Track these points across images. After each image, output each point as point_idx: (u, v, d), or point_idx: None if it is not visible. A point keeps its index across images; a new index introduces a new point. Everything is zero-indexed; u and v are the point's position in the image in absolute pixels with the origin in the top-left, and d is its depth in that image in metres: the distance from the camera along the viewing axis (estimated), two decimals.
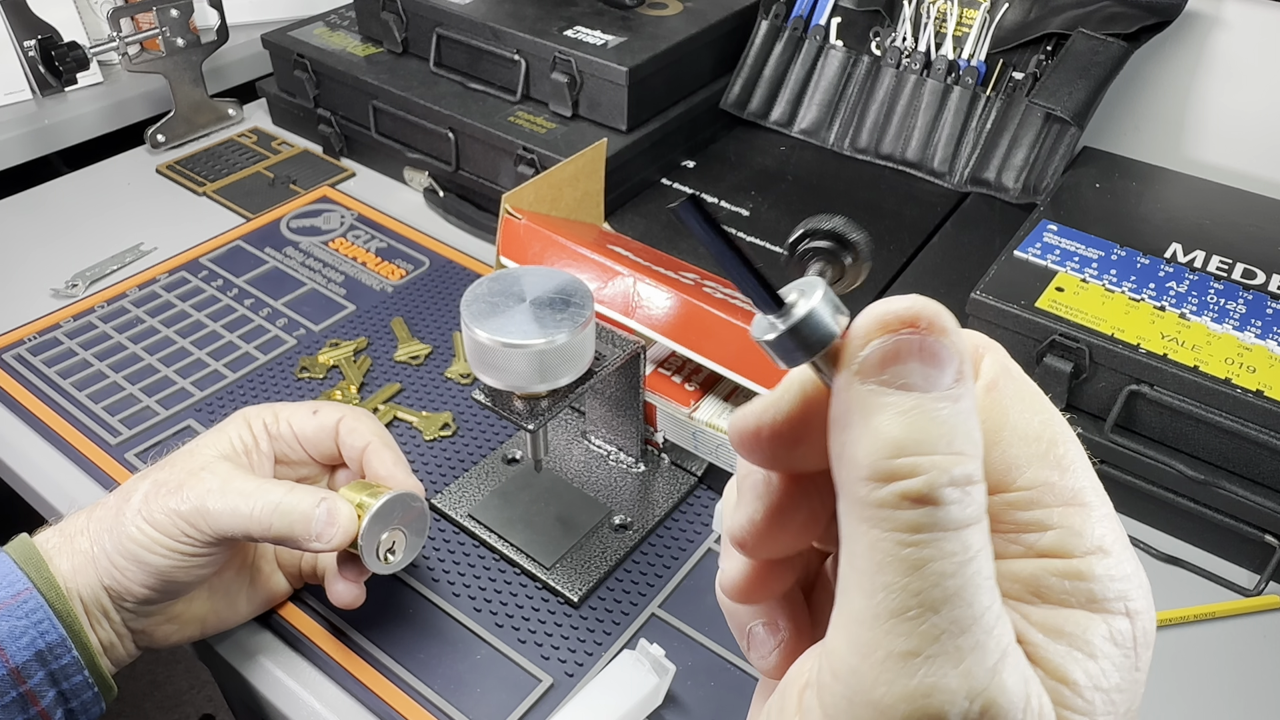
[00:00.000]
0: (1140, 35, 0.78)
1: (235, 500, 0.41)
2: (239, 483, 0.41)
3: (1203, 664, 0.54)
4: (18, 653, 0.39)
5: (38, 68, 0.97)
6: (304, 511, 0.41)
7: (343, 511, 0.43)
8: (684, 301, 0.57)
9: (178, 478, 0.42)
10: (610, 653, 0.52)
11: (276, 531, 0.41)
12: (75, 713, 0.42)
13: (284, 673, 0.51)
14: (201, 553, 0.42)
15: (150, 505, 0.41)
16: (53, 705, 0.41)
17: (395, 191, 0.93)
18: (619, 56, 0.81)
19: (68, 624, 0.40)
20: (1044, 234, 0.68)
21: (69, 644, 0.40)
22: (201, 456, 0.43)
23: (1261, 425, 0.55)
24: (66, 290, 0.78)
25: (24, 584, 0.40)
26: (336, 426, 0.46)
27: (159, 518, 0.41)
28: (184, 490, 0.41)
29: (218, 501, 0.41)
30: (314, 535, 0.42)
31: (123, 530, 0.41)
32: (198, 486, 0.41)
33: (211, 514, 0.40)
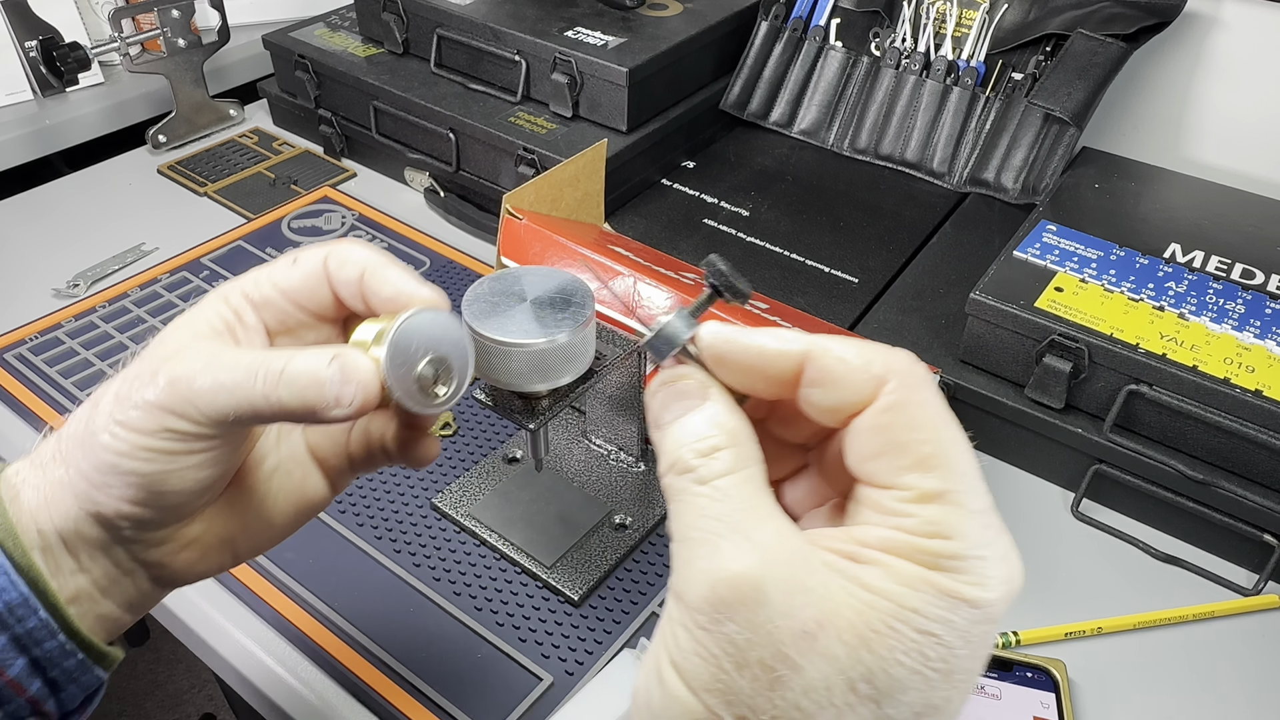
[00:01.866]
0: (1139, 36, 0.78)
1: (225, 374, 0.32)
2: (228, 356, 0.33)
3: (1202, 664, 0.54)
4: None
5: (39, 68, 0.97)
6: (312, 373, 0.32)
7: (358, 362, 0.33)
8: (684, 301, 0.58)
9: (151, 366, 0.33)
10: (610, 652, 0.52)
11: (285, 404, 0.32)
12: (58, 683, 0.34)
13: (285, 671, 0.51)
14: (191, 449, 0.33)
15: (122, 404, 0.33)
16: (25, 676, 0.33)
17: (396, 192, 0.93)
18: (619, 57, 0.81)
19: (30, 579, 0.33)
20: (1043, 234, 0.68)
21: (33, 604, 0.33)
22: (175, 339, 0.34)
23: (1260, 425, 0.55)
24: (68, 290, 0.78)
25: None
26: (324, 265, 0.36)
27: (133, 415, 0.32)
28: (160, 376, 0.32)
29: (204, 379, 0.32)
30: (332, 400, 0.32)
31: (95, 440, 0.33)
32: (176, 369, 0.32)
33: (197, 395, 0.32)
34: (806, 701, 0.22)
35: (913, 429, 0.24)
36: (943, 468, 0.23)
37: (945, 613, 0.22)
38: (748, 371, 0.26)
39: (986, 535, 0.23)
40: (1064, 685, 0.51)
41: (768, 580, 0.22)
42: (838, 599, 0.22)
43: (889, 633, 0.22)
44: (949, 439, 0.24)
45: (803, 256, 0.78)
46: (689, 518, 0.24)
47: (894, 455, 0.24)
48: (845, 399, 0.25)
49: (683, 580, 0.23)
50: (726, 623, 0.22)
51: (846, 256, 0.78)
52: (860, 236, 0.80)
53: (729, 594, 0.22)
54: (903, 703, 0.22)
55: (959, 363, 0.66)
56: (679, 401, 0.26)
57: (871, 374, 0.24)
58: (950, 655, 0.22)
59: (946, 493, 0.23)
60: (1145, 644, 0.55)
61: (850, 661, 0.22)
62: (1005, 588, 0.23)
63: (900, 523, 0.23)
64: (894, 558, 0.23)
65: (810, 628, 0.22)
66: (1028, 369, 0.62)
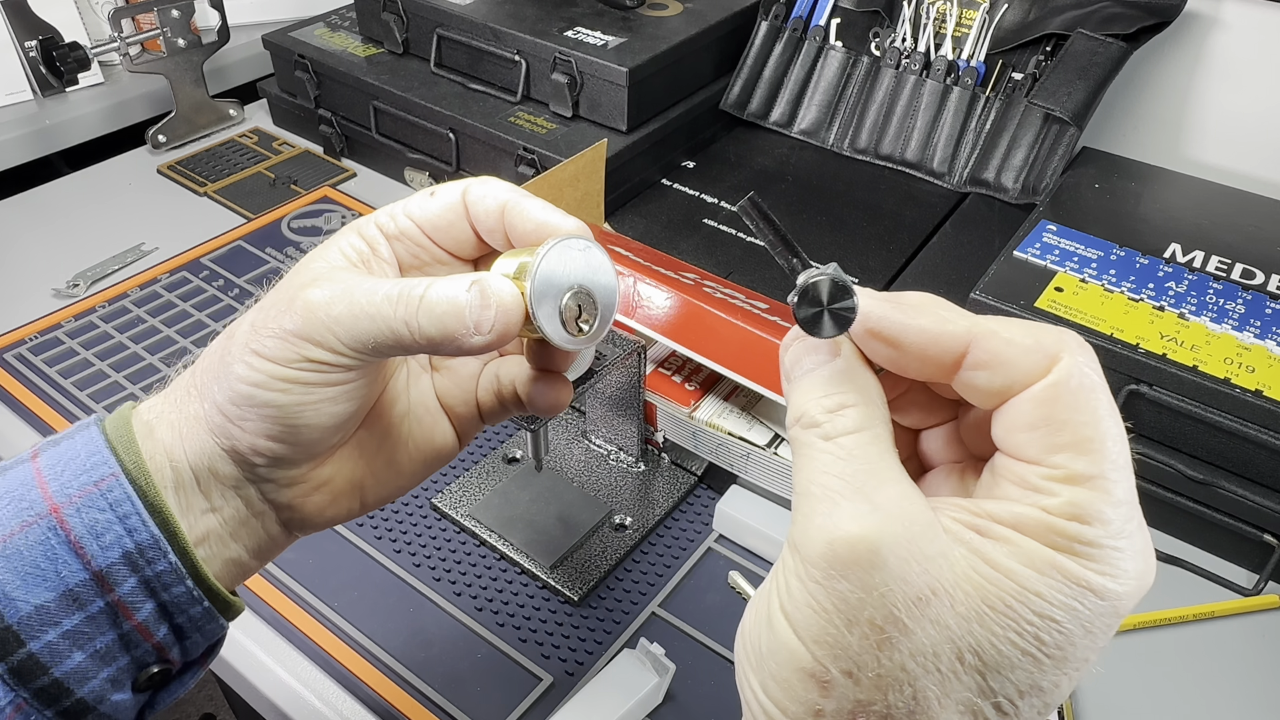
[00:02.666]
0: (1139, 36, 0.78)
1: (364, 301, 0.31)
2: (367, 283, 0.31)
3: (1202, 663, 0.54)
4: (100, 553, 0.30)
5: (39, 68, 0.97)
6: (452, 299, 0.31)
7: (500, 287, 0.31)
8: (684, 301, 0.58)
9: (286, 295, 0.32)
10: (610, 652, 0.52)
11: (425, 331, 0.31)
12: (183, 629, 0.33)
13: (285, 671, 0.51)
14: (331, 380, 0.32)
15: (259, 334, 0.31)
16: (153, 620, 0.32)
17: (396, 192, 0.93)
18: (619, 57, 0.81)
19: (161, 520, 0.31)
20: (1043, 234, 0.68)
21: (164, 546, 0.31)
22: (310, 270, 0.33)
23: (1260, 425, 0.55)
24: (68, 290, 0.78)
25: (110, 467, 0.31)
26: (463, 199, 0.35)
27: (270, 344, 0.31)
28: (295, 304, 0.31)
29: (342, 306, 0.31)
30: (471, 327, 0.31)
31: (230, 372, 0.32)
32: (314, 296, 0.31)
33: (336, 322, 0.31)
34: (913, 664, 0.22)
35: (1076, 409, 0.23)
36: (1098, 453, 0.23)
37: (1070, 600, 0.22)
38: (906, 350, 0.25)
39: (1128, 527, 0.23)
40: None
41: (885, 544, 0.22)
42: (958, 570, 0.23)
43: (1006, 611, 0.22)
44: (1109, 425, 0.23)
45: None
46: (811, 472, 0.24)
47: (1051, 431, 0.23)
48: (1014, 380, 0.24)
49: (801, 533, 0.24)
50: (840, 580, 0.23)
51: (846, 256, 0.78)
52: (860, 236, 0.80)
53: (846, 553, 0.22)
54: (1009, 680, 0.22)
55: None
56: (811, 355, 0.26)
57: (1045, 352, 0.24)
58: (1067, 643, 0.22)
59: (1096, 478, 0.23)
60: (1145, 644, 0.55)
61: (961, 632, 0.22)
62: (1137, 582, 0.23)
63: (1040, 500, 0.23)
64: (1024, 537, 0.23)
65: (924, 594, 0.22)
66: None
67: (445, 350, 0.31)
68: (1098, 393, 0.23)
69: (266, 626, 0.53)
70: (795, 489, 0.25)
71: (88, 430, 0.33)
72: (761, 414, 0.58)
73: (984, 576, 0.22)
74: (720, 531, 0.59)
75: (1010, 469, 0.24)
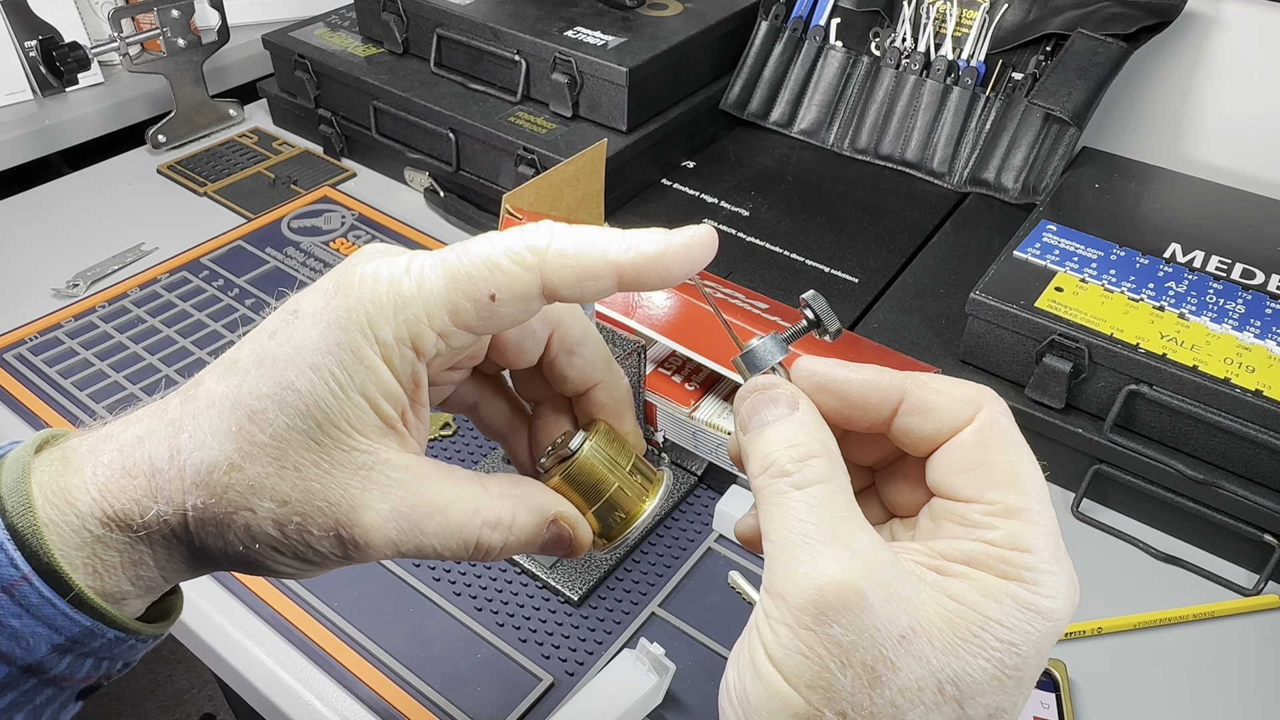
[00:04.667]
0: (1139, 36, 0.78)
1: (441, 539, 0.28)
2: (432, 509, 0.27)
3: (1202, 663, 0.54)
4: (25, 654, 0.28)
5: (39, 68, 0.97)
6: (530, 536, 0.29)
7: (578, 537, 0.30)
8: (684, 301, 0.58)
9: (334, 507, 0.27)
10: (610, 652, 0.52)
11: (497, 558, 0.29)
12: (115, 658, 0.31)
13: (285, 671, 0.51)
14: None
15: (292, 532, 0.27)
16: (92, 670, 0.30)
17: (396, 192, 0.93)
18: (619, 57, 0.81)
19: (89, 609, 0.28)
20: (1043, 234, 0.68)
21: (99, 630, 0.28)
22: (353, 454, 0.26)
23: (1260, 425, 0.55)
24: (67, 290, 0.78)
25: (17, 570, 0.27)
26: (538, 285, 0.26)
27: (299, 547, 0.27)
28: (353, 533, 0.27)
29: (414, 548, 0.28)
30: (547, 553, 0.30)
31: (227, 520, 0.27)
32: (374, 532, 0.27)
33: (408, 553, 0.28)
34: (901, 699, 0.23)
35: (1004, 450, 0.26)
36: (1025, 488, 0.25)
37: (1024, 623, 0.24)
38: (849, 401, 0.28)
39: (1058, 553, 0.25)
40: (1064, 685, 0.51)
41: (870, 587, 0.24)
42: (929, 607, 0.24)
43: (974, 640, 0.24)
44: (1029, 463, 0.26)
45: (803, 256, 0.78)
46: (787, 520, 0.25)
47: (984, 471, 0.26)
48: (943, 425, 0.27)
49: (785, 581, 0.24)
50: (832, 625, 0.23)
51: (846, 256, 0.78)
52: (860, 236, 0.80)
53: (835, 598, 0.23)
54: (980, 704, 0.24)
55: (959, 363, 0.66)
56: (771, 407, 0.27)
57: (969, 402, 0.27)
58: (1024, 663, 0.24)
59: (1026, 510, 0.25)
60: (1145, 644, 0.55)
61: (940, 664, 0.24)
62: (1070, 602, 0.25)
63: (984, 534, 0.25)
64: (977, 570, 0.25)
65: (906, 632, 0.24)
66: (1028, 369, 0.62)
67: None
68: (1015, 434, 0.26)
69: (266, 626, 0.53)
70: (769, 537, 0.26)
71: None
72: None
73: (951, 611, 0.24)
74: (720, 531, 0.59)
75: (949, 510, 0.26)
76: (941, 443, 0.27)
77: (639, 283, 0.27)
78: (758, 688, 0.25)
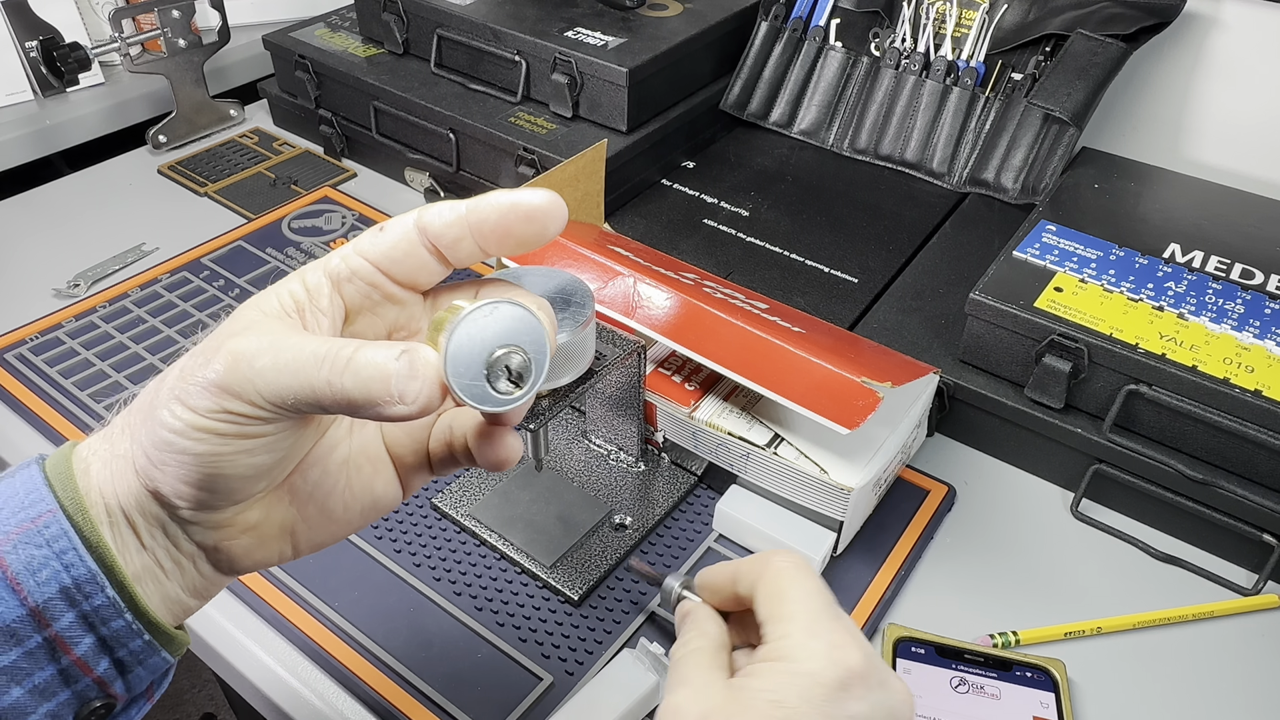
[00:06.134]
0: (1139, 36, 0.78)
1: (287, 356, 0.30)
2: (294, 339, 0.31)
3: (1202, 664, 0.54)
4: (37, 589, 0.31)
5: (39, 68, 0.98)
6: (379, 365, 0.30)
7: (428, 359, 0.31)
8: (684, 301, 0.58)
9: (215, 343, 0.32)
10: (610, 652, 0.52)
11: (348, 393, 0.30)
12: (125, 663, 0.33)
13: (285, 670, 0.51)
14: (249, 433, 0.31)
15: (185, 380, 0.31)
16: (92, 655, 0.32)
17: (396, 192, 0.93)
18: (619, 57, 0.81)
19: (98, 555, 0.32)
20: (1043, 234, 0.68)
21: (101, 580, 0.31)
22: (243, 318, 0.33)
23: (1260, 425, 0.55)
24: (68, 290, 0.78)
25: (48, 504, 0.32)
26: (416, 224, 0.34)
27: (192, 393, 0.31)
28: (220, 354, 0.31)
29: (265, 359, 0.30)
30: (395, 395, 0.30)
31: (154, 416, 0.32)
32: (237, 347, 0.31)
33: (257, 375, 0.30)
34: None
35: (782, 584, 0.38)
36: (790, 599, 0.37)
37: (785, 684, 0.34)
38: (715, 593, 0.41)
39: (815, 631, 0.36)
40: (1063, 685, 0.51)
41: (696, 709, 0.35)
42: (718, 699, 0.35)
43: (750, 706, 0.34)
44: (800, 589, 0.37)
45: (803, 256, 0.78)
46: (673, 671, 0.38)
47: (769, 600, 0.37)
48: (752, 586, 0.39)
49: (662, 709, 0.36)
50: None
51: (846, 256, 0.78)
52: (860, 236, 0.80)
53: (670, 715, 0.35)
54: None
55: (959, 363, 0.66)
56: (687, 619, 0.41)
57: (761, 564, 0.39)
58: (793, 712, 0.33)
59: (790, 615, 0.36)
60: (1145, 644, 0.55)
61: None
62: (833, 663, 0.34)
63: (770, 641, 0.36)
64: (769, 664, 0.35)
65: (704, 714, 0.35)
66: (1027, 369, 0.62)
67: (366, 415, 0.31)
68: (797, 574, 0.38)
69: (267, 626, 0.53)
70: None
71: (28, 469, 0.33)
72: (761, 414, 0.58)
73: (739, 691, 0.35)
74: (720, 531, 0.59)
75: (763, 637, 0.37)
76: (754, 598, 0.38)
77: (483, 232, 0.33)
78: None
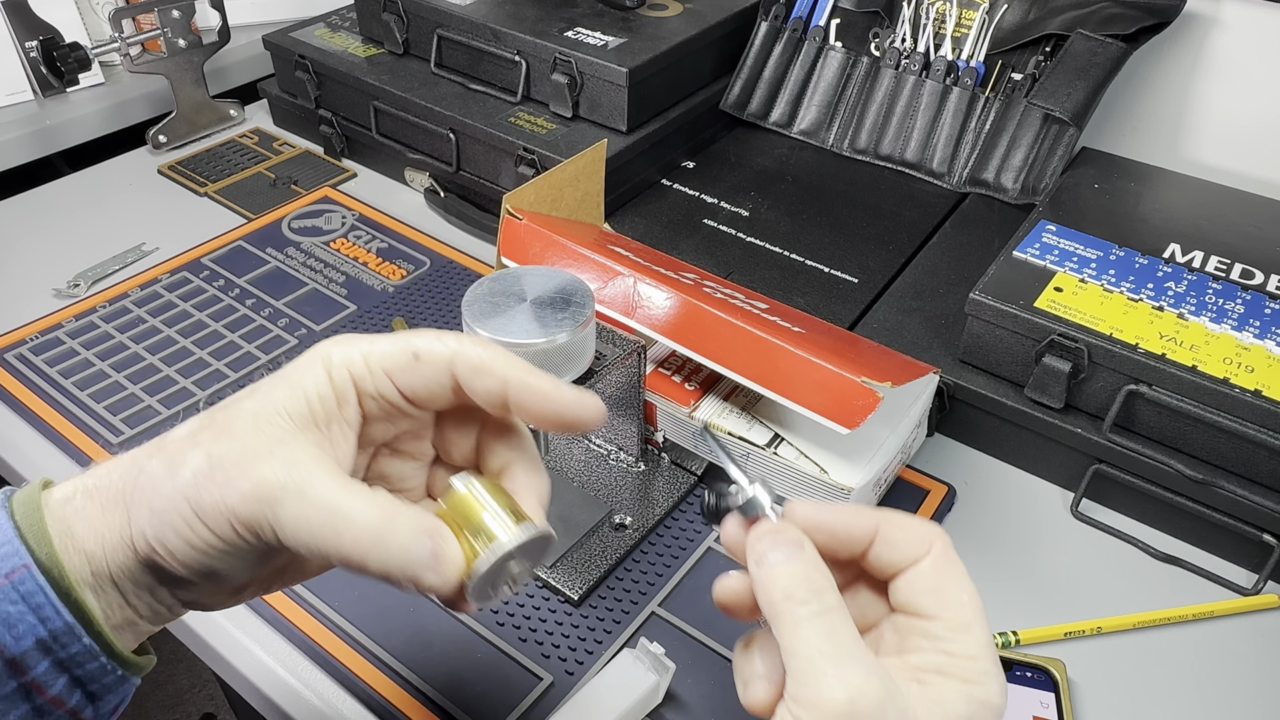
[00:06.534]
0: (1139, 36, 0.78)
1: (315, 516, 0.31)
2: (322, 487, 0.31)
3: (1201, 663, 0.54)
4: (14, 643, 0.32)
5: (39, 68, 0.98)
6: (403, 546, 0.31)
7: (451, 556, 0.33)
8: (684, 301, 0.58)
9: (237, 456, 0.31)
10: (610, 651, 0.52)
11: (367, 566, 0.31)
12: (96, 695, 0.34)
13: (285, 670, 0.52)
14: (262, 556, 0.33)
15: (201, 491, 0.31)
16: (66, 691, 0.33)
17: (396, 192, 0.93)
18: (619, 57, 0.81)
19: (75, 608, 0.32)
20: (1043, 234, 0.68)
21: (78, 631, 0.33)
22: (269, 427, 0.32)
23: (1260, 425, 0.55)
24: (68, 290, 0.78)
25: (21, 558, 0.32)
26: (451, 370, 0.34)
27: (208, 511, 0.31)
28: (244, 482, 0.31)
29: (291, 511, 0.31)
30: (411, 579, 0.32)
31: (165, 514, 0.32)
32: (264, 481, 0.31)
33: (282, 527, 0.31)
34: None
35: (953, 577, 0.33)
36: (970, 605, 0.33)
37: (980, 716, 0.31)
38: (836, 537, 0.34)
39: (995, 656, 0.32)
40: (1063, 685, 0.51)
41: (888, 697, 0.30)
42: (920, 712, 0.30)
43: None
44: (970, 585, 0.33)
45: (803, 256, 0.78)
46: (812, 640, 0.31)
47: (942, 594, 0.33)
48: (906, 556, 0.33)
49: (815, 693, 0.30)
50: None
51: (846, 256, 0.78)
52: (860, 236, 0.80)
53: (864, 707, 0.29)
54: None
55: (959, 363, 0.66)
56: (786, 547, 0.33)
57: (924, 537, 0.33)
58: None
59: (972, 625, 0.32)
60: (1145, 644, 0.55)
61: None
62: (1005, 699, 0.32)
63: (946, 647, 0.32)
64: (947, 679, 0.31)
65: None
66: (1027, 369, 0.62)
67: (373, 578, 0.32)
68: (960, 564, 0.34)
69: (267, 626, 0.53)
70: (794, 653, 0.31)
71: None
72: (761, 414, 0.58)
73: (938, 715, 0.30)
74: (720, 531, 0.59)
75: (914, 626, 0.33)
76: (903, 569, 0.33)
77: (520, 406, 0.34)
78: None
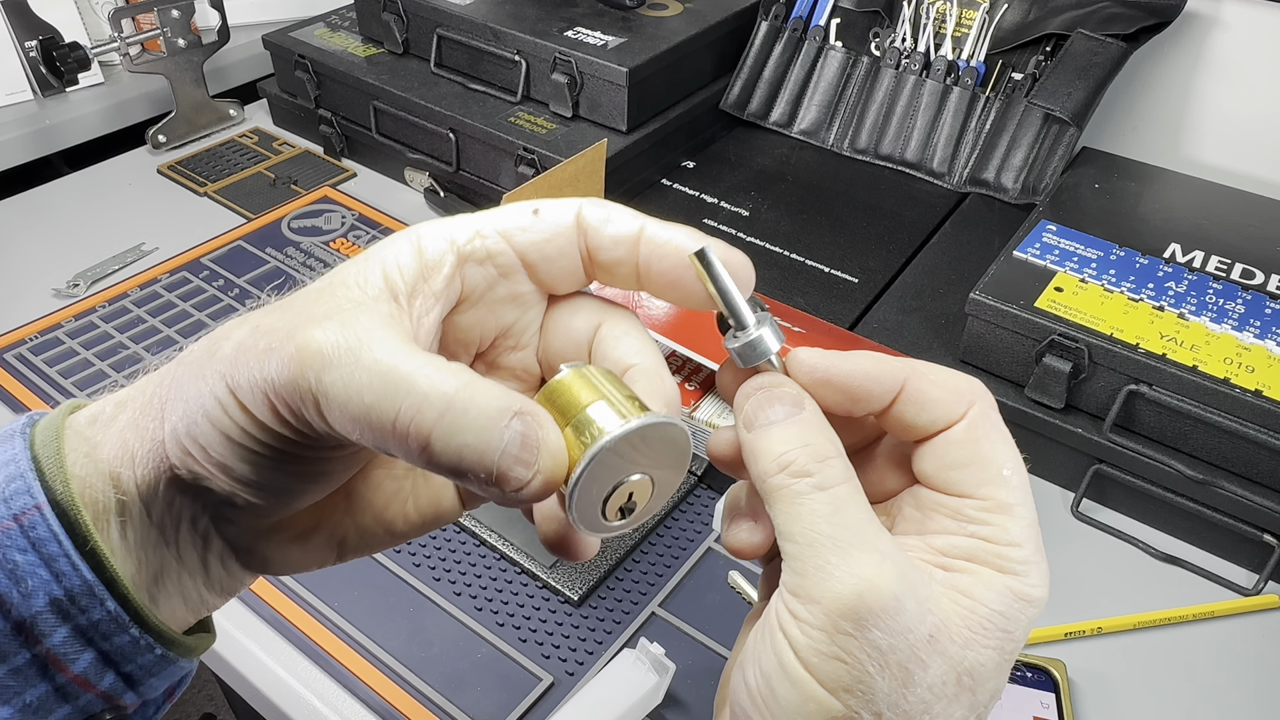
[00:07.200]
0: (1139, 36, 0.78)
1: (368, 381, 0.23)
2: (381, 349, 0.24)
3: (1202, 664, 0.54)
4: (22, 601, 0.25)
5: (39, 68, 0.97)
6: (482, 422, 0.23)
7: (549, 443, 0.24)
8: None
9: (288, 323, 0.24)
10: (610, 651, 0.52)
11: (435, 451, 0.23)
12: (134, 677, 0.27)
13: (285, 671, 0.51)
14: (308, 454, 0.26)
15: (239, 364, 0.24)
16: (94, 670, 0.26)
17: (396, 192, 0.93)
18: (619, 57, 0.81)
19: (96, 562, 0.26)
20: (1043, 234, 0.68)
21: (99, 593, 0.26)
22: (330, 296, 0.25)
23: (1260, 425, 0.55)
24: (68, 290, 0.78)
25: (34, 496, 0.25)
26: (578, 222, 0.28)
27: (244, 385, 0.24)
28: (289, 345, 0.24)
29: (340, 375, 0.23)
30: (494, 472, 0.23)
31: (198, 398, 0.25)
32: (310, 342, 0.24)
33: (327, 397, 0.23)
34: (930, 695, 0.24)
35: (992, 445, 0.27)
36: (1011, 483, 0.26)
37: (1019, 612, 0.26)
38: (850, 394, 0.27)
39: (1038, 543, 0.26)
40: (1064, 685, 0.51)
41: (902, 589, 0.24)
42: (944, 605, 0.25)
43: (984, 632, 0.25)
44: (1015, 458, 0.27)
45: (803, 256, 0.78)
46: (812, 522, 0.25)
47: (977, 468, 0.26)
48: (937, 417, 0.27)
49: (817, 585, 0.24)
50: (871, 629, 0.24)
51: (846, 256, 0.78)
52: (860, 236, 0.80)
53: (875, 603, 0.24)
54: (987, 689, 0.25)
55: (959, 363, 0.66)
56: (780, 405, 0.26)
57: (963, 396, 0.27)
58: (1016, 647, 0.26)
59: (1013, 506, 0.26)
60: (1145, 644, 0.55)
61: (959, 658, 0.25)
62: (1047, 589, 0.26)
63: (978, 530, 0.26)
64: (979, 565, 0.26)
65: (934, 631, 0.24)
66: (1028, 369, 0.62)
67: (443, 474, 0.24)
68: (1003, 430, 0.27)
69: (266, 626, 0.53)
70: (791, 538, 0.25)
71: (10, 442, 0.27)
72: None
73: (964, 607, 0.25)
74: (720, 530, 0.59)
75: (941, 503, 0.27)
76: (934, 433, 0.27)
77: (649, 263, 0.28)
78: (790, 692, 0.24)
